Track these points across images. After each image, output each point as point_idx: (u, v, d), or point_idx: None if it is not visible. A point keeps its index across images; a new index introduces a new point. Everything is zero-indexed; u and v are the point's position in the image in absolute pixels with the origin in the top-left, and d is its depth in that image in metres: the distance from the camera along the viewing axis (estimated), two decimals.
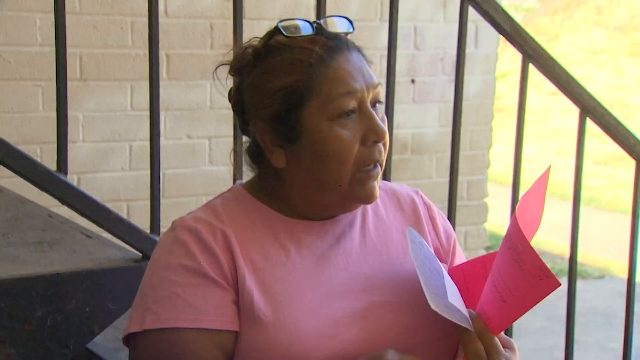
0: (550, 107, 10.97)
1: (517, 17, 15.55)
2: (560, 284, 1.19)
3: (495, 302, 1.25)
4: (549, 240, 6.43)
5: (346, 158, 1.26)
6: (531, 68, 2.16)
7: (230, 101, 1.37)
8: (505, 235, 1.25)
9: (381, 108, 1.31)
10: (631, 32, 12.95)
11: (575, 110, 2.13)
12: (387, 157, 1.86)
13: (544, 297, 1.23)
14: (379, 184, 1.34)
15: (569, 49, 13.39)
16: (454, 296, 1.27)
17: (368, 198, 1.29)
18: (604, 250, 6.33)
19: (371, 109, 1.27)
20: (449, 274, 1.35)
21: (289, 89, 1.27)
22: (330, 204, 1.31)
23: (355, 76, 1.27)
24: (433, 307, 1.20)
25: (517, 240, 1.22)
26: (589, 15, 13.95)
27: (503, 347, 1.24)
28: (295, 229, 1.35)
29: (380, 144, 1.28)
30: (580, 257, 6.44)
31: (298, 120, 1.26)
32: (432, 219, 1.45)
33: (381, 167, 1.32)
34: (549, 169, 1.29)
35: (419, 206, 1.45)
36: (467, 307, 1.29)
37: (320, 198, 1.31)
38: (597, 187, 8.74)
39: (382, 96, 1.35)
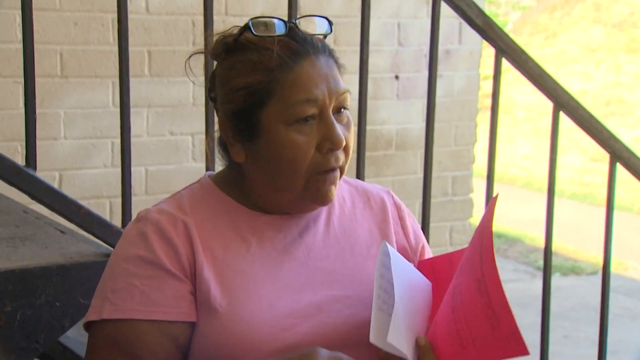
0: (548, 104, 11.06)
1: (515, 15, 15.61)
2: (528, 354, 1.16)
3: (452, 343, 1.26)
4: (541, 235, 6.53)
5: (299, 163, 1.28)
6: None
7: (207, 85, 1.38)
8: (470, 262, 1.26)
9: (346, 116, 1.33)
10: (629, 29, 12.96)
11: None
12: (364, 152, 1.99)
13: (510, 356, 1.20)
14: (339, 185, 1.36)
15: (568, 46, 13.53)
16: (402, 324, 1.27)
17: (322, 201, 1.32)
18: (598, 246, 6.36)
19: (332, 117, 1.28)
20: (418, 267, 1.37)
21: (250, 88, 1.28)
22: (286, 203, 1.33)
23: (318, 83, 1.28)
24: (372, 340, 1.21)
25: (492, 289, 1.20)
26: (587, 13, 14.04)
27: None
28: (258, 222, 1.36)
29: (338, 152, 1.30)
30: (575, 253, 6.53)
31: (257, 120, 1.28)
32: (401, 219, 1.47)
33: (342, 171, 1.34)
34: (494, 199, 1.28)
35: (388, 205, 1.47)
36: (434, 301, 1.34)
37: (277, 196, 1.33)
38: (593, 183, 8.79)
39: (351, 100, 1.35)
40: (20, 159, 1.77)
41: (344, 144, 1.29)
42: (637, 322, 4.12)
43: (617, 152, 2.36)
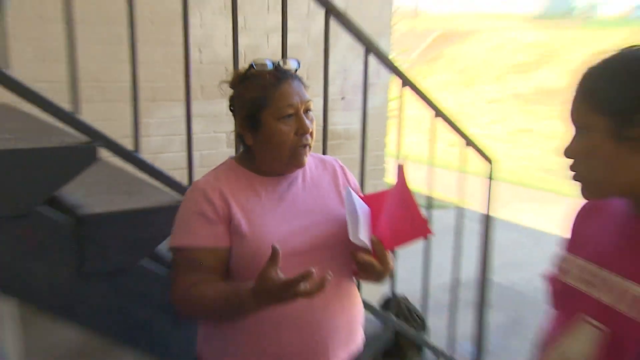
0: (428, 114, 13.82)
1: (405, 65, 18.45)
2: (432, 233, 1.61)
3: (389, 230, 1.58)
4: None
5: (285, 142, 1.58)
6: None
7: (229, 104, 1.68)
8: (395, 187, 1.62)
9: (310, 115, 1.63)
10: (468, 71, 18.51)
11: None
12: (324, 140, 2.40)
13: (421, 237, 1.62)
14: (310, 156, 1.66)
15: (432, 83, 18.41)
16: (363, 229, 1.54)
17: (299, 164, 1.63)
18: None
19: (302, 115, 1.59)
20: (363, 199, 1.64)
21: (255, 100, 1.58)
22: (279, 168, 1.64)
23: (293, 95, 1.58)
24: (351, 239, 1.52)
25: (406, 193, 1.59)
26: (445, 65, 19.46)
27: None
28: (264, 182, 1.65)
29: (307, 135, 1.60)
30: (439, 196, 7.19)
31: (259, 118, 1.58)
32: (345, 175, 1.81)
33: (309, 146, 1.63)
34: (402, 166, 1.60)
35: (337, 168, 1.80)
36: (372, 223, 1.59)
37: (273, 164, 1.63)
38: (454, 158, 9.43)
39: (313, 104, 1.65)
40: (130, 146, 2.16)
41: (310, 130, 1.59)
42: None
43: (468, 139, 2.95)
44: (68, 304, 1.98)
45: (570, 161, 1.21)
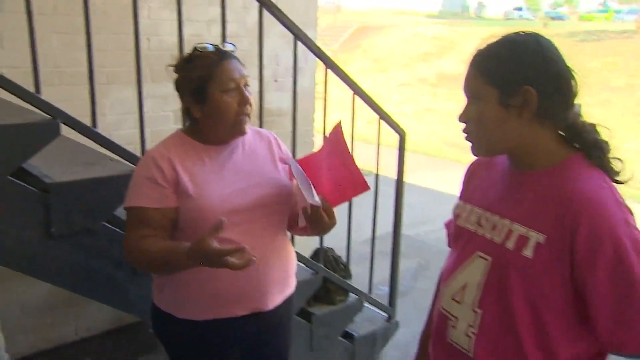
0: (349, 93, 14.01)
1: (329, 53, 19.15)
2: (369, 189, 1.57)
3: (332, 188, 1.59)
4: None
5: (229, 112, 1.59)
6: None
7: (175, 86, 1.66)
8: (329, 145, 1.58)
9: (248, 89, 1.63)
10: (383, 61, 18.95)
11: None
12: (260, 117, 2.40)
13: (360, 192, 1.59)
14: (249, 127, 1.66)
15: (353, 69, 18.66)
16: (314, 191, 1.53)
17: (241, 132, 1.64)
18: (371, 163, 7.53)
19: (243, 88, 1.60)
20: (300, 162, 1.61)
21: (202, 76, 1.58)
22: (223, 135, 1.65)
23: (234, 71, 1.59)
24: (308, 201, 1.50)
25: (345, 153, 1.55)
26: (362, 54, 19.76)
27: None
28: (208, 150, 1.65)
29: (247, 105, 1.61)
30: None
31: (206, 92, 1.58)
32: (279, 145, 1.82)
33: (249, 117, 1.63)
34: (339, 125, 1.58)
35: (271, 138, 1.81)
36: (315, 182, 1.55)
37: (218, 132, 1.64)
38: (371, 132, 9.49)
39: (250, 82, 1.65)
40: (89, 123, 2.16)
41: (250, 101, 1.61)
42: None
43: (382, 114, 2.98)
44: (37, 264, 1.96)
45: (463, 125, 1.27)
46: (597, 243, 1.10)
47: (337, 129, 1.56)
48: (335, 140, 1.57)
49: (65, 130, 2.01)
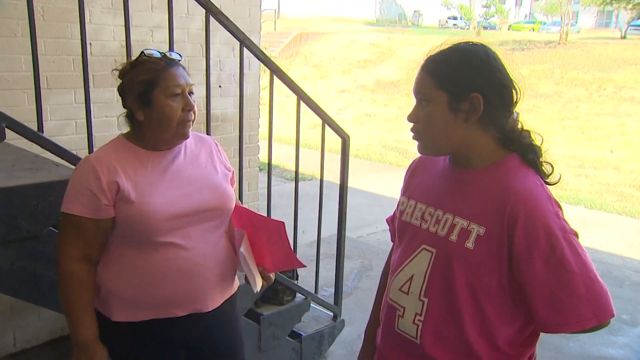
0: (294, 98, 15.03)
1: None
2: (304, 266, 1.76)
3: (270, 260, 1.75)
4: None
5: (174, 117, 1.61)
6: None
7: (118, 90, 1.66)
8: (270, 228, 1.71)
9: (193, 96, 1.66)
10: (322, 67, 19.22)
11: None
12: (207, 122, 2.40)
13: (295, 267, 1.80)
14: (192, 133, 1.68)
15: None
16: (254, 268, 1.73)
17: (184, 137, 1.66)
18: (312, 167, 7.66)
19: (187, 95, 1.63)
20: (243, 213, 1.74)
21: (148, 80, 1.59)
22: (167, 140, 1.65)
23: (180, 78, 1.62)
24: (253, 289, 1.73)
25: (285, 241, 1.69)
26: (302, 60, 19.89)
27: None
28: (150, 156, 1.65)
29: (191, 112, 1.64)
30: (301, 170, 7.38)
31: (151, 96, 1.59)
32: (220, 152, 1.83)
33: (192, 122, 1.65)
34: (282, 226, 1.68)
35: (213, 145, 1.83)
36: (255, 251, 1.73)
37: (161, 137, 1.64)
38: (314, 137, 9.95)
39: (195, 89, 1.69)
40: (35, 128, 2.18)
41: (194, 108, 1.64)
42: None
43: (326, 118, 3.04)
44: None
45: (412, 125, 1.35)
46: (533, 234, 1.20)
47: (280, 229, 1.66)
48: (277, 235, 1.69)
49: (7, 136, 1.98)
